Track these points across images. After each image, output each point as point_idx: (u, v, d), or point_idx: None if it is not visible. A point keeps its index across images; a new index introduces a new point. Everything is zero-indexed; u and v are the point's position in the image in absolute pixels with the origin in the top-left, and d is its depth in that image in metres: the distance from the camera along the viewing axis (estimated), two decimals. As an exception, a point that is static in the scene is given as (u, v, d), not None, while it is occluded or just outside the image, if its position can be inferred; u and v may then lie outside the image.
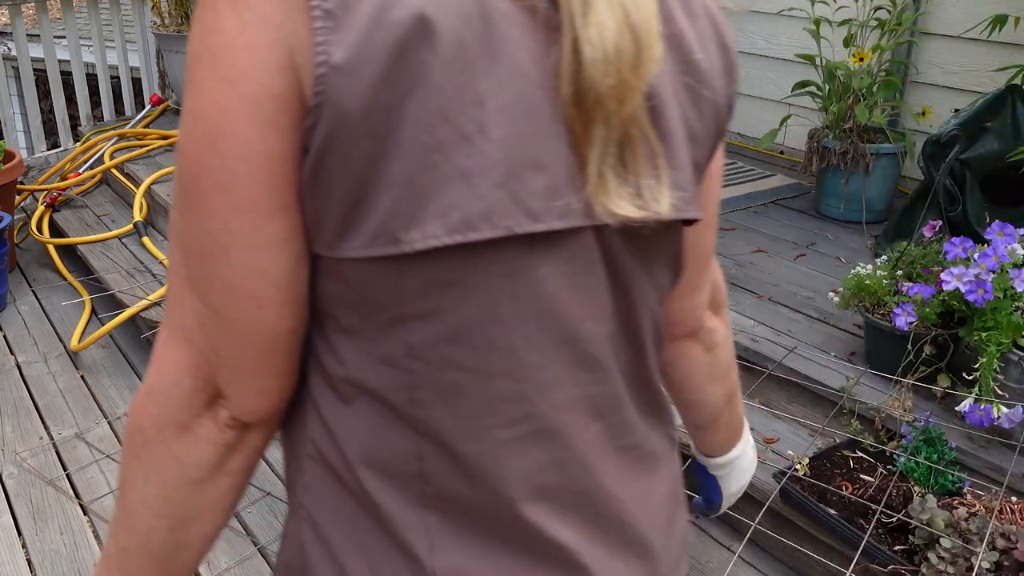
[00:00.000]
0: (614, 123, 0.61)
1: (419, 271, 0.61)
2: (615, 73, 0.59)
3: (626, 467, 0.74)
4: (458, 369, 0.64)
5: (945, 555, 1.79)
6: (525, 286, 0.63)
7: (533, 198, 0.60)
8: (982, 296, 2.11)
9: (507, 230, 0.60)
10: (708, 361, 0.92)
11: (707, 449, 1.03)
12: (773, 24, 4.32)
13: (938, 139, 2.98)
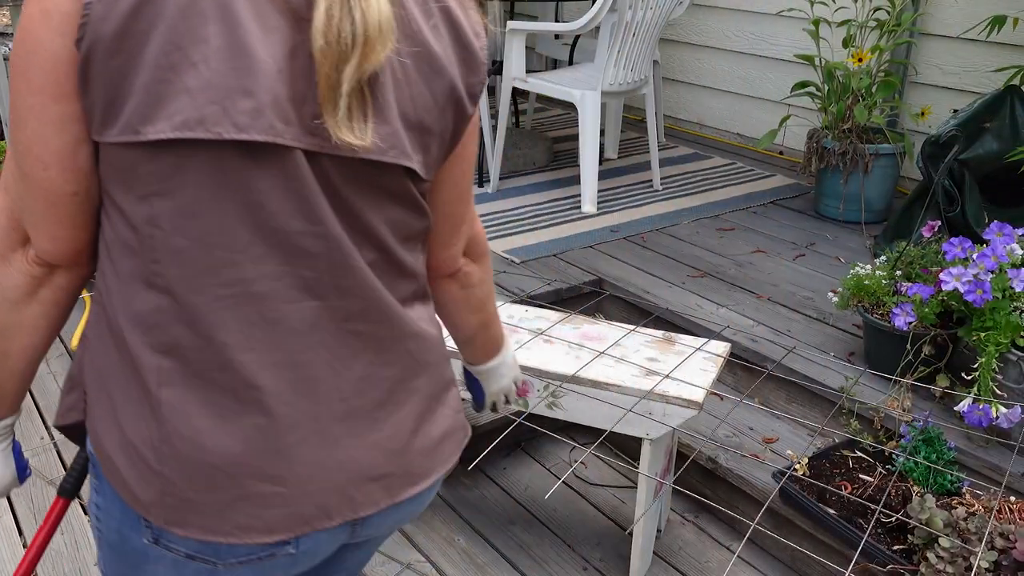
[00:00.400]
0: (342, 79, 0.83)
1: (155, 158, 0.83)
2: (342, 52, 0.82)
3: (345, 344, 0.95)
4: (185, 237, 0.86)
5: (944, 555, 1.79)
6: (238, 182, 0.85)
7: (240, 115, 0.82)
8: (981, 296, 2.11)
9: (217, 135, 0.82)
10: (464, 296, 1.20)
11: (469, 359, 1.37)
12: (772, 25, 4.32)
13: (937, 139, 2.98)
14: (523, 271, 3.05)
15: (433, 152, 0.96)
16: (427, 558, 2.21)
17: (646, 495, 1.99)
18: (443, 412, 1.12)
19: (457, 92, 0.94)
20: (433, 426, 1.11)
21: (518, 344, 2.05)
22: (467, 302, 1.21)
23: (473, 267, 1.18)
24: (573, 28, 3.45)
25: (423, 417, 1.08)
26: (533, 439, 2.65)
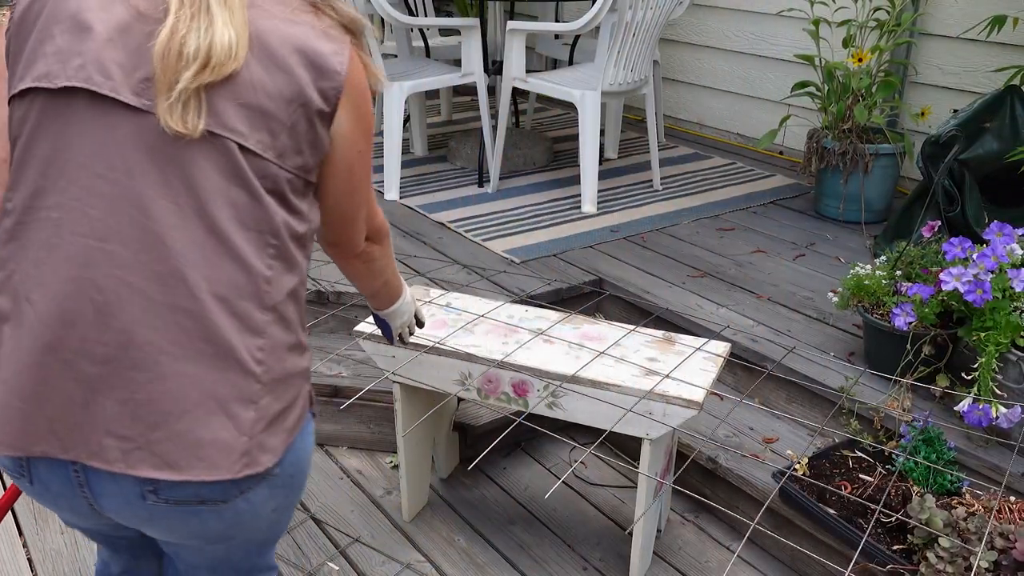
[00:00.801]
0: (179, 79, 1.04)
1: (19, 106, 1.10)
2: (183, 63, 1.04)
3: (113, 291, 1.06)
4: (28, 168, 1.08)
5: (944, 554, 1.79)
6: (62, 122, 1.07)
7: (71, 70, 1.06)
8: (981, 296, 2.11)
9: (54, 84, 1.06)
10: (367, 269, 1.49)
11: (375, 307, 1.72)
12: (773, 24, 4.32)
13: (937, 139, 2.98)
14: (523, 271, 3.05)
15: (282, 139, 1.11)
16: (427, 558, 2.21)
17: (646, 495, 1.99)
18: (224, 422, 1.09)
19: (306, 93, 1.11)
20: (204, 426, 1.08)
21: (518, 344, 2.06)
22: (370, 271, 1.51)
23: (375, 247, 1.44)
24: (573, 28, 3.45)
25: (195, 409, 1.08)
26: (533, 439, 2.65)
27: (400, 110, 3.65)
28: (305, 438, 1.24)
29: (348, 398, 2.55)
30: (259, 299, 1.12)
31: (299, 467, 1.23)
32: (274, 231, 1.13)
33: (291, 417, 1.18)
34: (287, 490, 1.22)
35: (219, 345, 1.09)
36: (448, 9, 5.68)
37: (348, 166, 1.23)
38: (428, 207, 3.64)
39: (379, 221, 1.42)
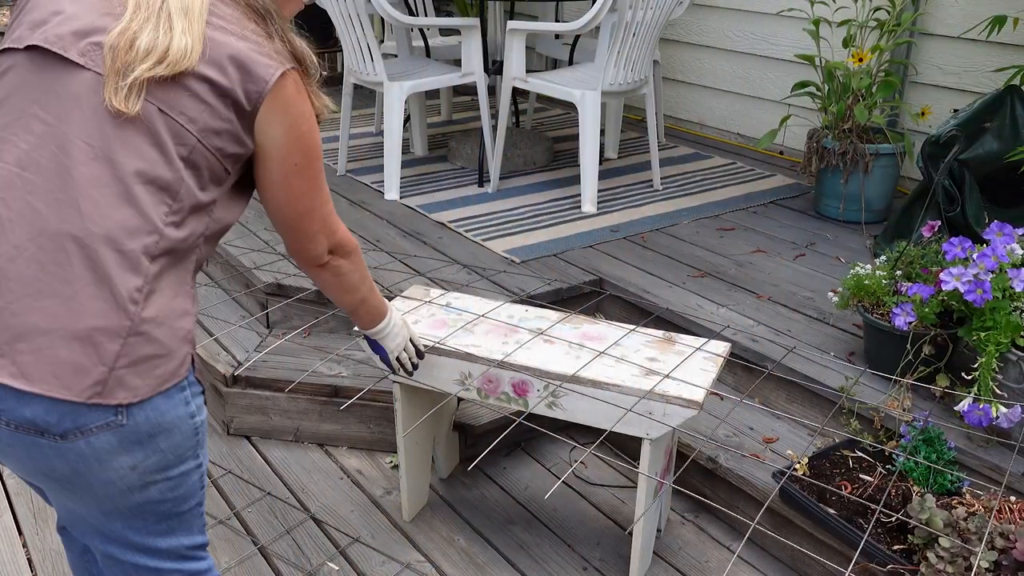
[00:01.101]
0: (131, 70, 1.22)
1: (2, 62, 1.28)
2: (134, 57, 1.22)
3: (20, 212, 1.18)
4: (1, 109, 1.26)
5: (944, 554, 1.79)
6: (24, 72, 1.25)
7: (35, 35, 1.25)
8: (981, 296, 2.11)
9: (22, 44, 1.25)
10: (337, 282, 1.61)
11: (361, 327, 1.84)
12: (773, 24, 4.32)
13: (937, 139, 2.98)
14: (523, 271, 3.05)
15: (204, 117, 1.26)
16: (427, 558, 2.21)
17: (646, 495, 1.99)
18: (87, 348, 1.18)
19: (231, 88, 1.26)
20: (66, 347, 1.17)
21: (518, 344, 2.05)
22: (341, 286, 1.63)
23: (342, 262, 1.57)
24: (573, 28, 3.45)
25: (62, 330, 1.17)
26: (533, 439, 2.65)
27: (400, 110, 3.65)
28: (175, 403, 1.27)
29: (348, 398, 2.55)
30: (146, 247, 1.22)
31: (161, 428, 1.26)
32: (174, 194, 1.25)
33: (162, 367, 1.24)
34: (145, 450, 1.25)
35: (98, 275, 1.19)
36: (448, 9, 5.68)
37: (284, 178, 1.37)
38: (428, 207, 3.64)
39: (340, 237, 1.54)
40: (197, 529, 1.44)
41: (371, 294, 1.73)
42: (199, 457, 1.37)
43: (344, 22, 3.62)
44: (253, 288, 3.00)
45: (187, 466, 1.34)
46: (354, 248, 1.59)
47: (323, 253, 1.52)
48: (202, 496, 1.42)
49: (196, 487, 1.38)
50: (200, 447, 1.37)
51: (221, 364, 2.70)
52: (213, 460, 2.59)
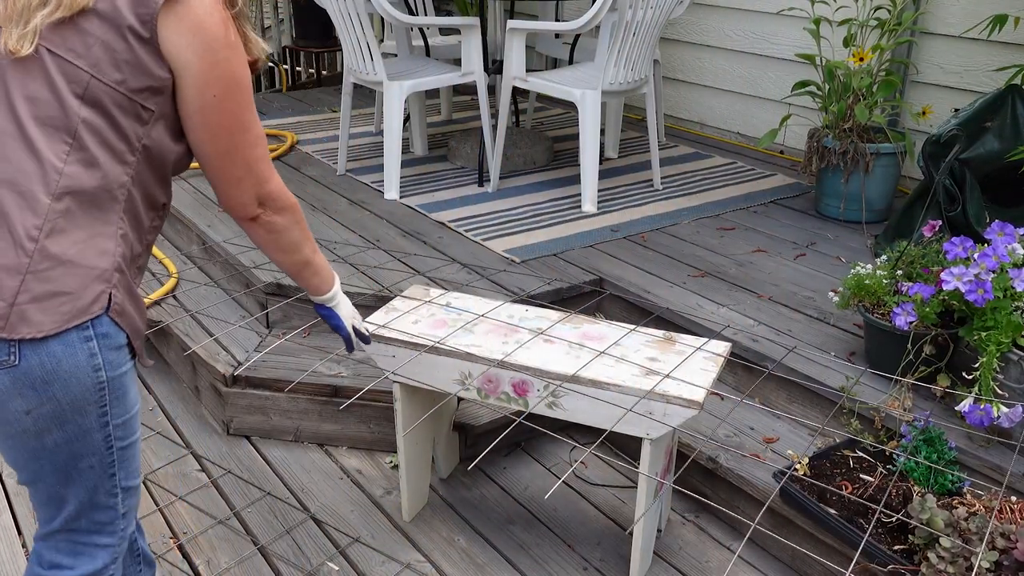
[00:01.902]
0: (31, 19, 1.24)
1: None
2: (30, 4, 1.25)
3: None
4: None
5: (945, 555, 1.79)
6: None
7: None
8: (982, 296, 2.11)
9: None
10: (273, 240, 1.54)
11: (310, 292, 1.76)
12: (773, 24, 4.32)
13: (938, 139, 2.97)
14: (523, 270, 3.05)
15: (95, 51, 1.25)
16: (427, 558, 2.21)
17: (646, 495, 1.98)
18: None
19: (120, 13, 1.24)
20: None
21: (518, 344, 2.05)
22: (277, 244, 1.55)
23: (276, 217, 1.50)
24: (573, 27, 3.44)
25: None
26: (533, 439, 2.65)
27: (400, 110, 3.65)
28: (74, 351, 1.27)
29: (348, 398, 2.55)
30: (47, 186, 1.25)
31: (56, 376, 1.27)
32: (72, 133, 1.26)
33: (68, 305, 1.25)
34: (40, 396, 1.27)
35: (0, 217, 1.24)
36: (448, 8, 5.67)
37: (202, 111, 1.33)
38: (428, 207, 3.64)
39: (272, 188, 1.47)
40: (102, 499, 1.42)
41: (315, 256, 1.67)
42: (106, 416, 1.35)
43: (344, 21, 3.62)
44: (253, 288, 3.00)
45: (87, 422, 1.32)
46: (290, 205, 1.52)
47: (251, 203, 1.45)
48: (109, 463, 1.39)
49: (99, 443, 1.36)
50: (111, 405, 1.34)
51: (221, 364, 2.69)
52: (213, 460, 2.59)
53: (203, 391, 2.81)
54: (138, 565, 1.73)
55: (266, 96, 5.59)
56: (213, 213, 3.55)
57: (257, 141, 1.41)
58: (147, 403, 2.90)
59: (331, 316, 1.84)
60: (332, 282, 1.77)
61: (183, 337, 2.86)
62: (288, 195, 1.51)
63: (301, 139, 4.57)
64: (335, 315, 1.84)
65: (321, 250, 1.56)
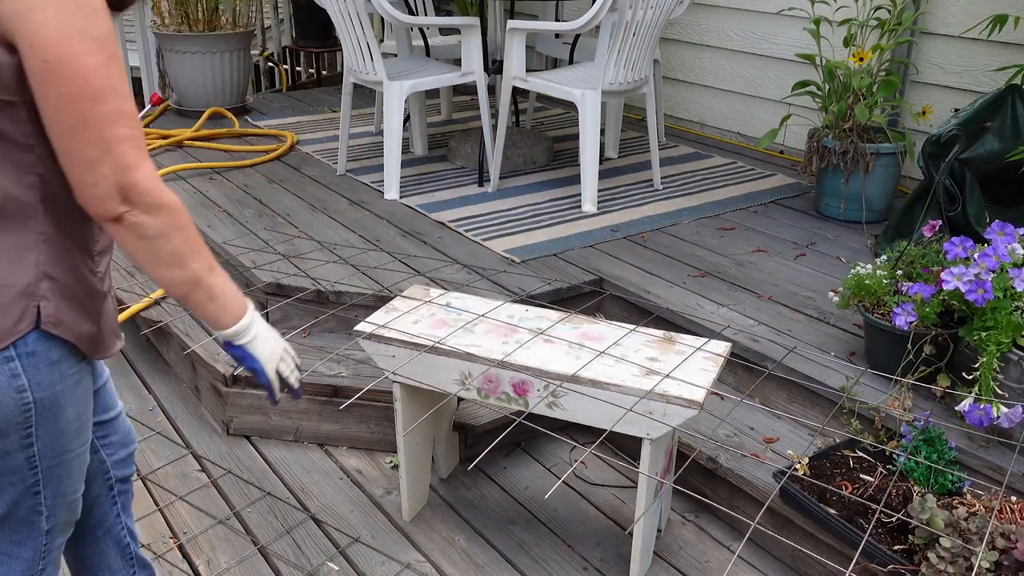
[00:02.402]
0: None
1: None
2: None
3: None
4: None
5: (945, 555, 1.79)
6: None
7: None
8: (982, 296, 2.11)
9: None
10: (146, 248, 1.21)
11: (211, 325, 1.35)
12: (773, 24, 4.32)
13: (938, 139, 2.97)
14: (523, 271, 3.05)
15: None
16: (427, 558, 2.21)
17: (646, 495, 1.98)
18: None
19: None
20: None
21: (518, 344, 2.05)
22: (152, 254, 1.23)
23: (145, 218, 1.19)
24: (573, 27, 3.44)
25: None
26: (533, 439, 2.65)
27: (400, 110, 3.65)
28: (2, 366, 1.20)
29: (348, 398, 2.54)
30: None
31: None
32: None
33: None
34: None
35: None
36: (448, 8, 5.67)
37: (39, 78, 1.11)
38: (428, 207, 3.64)
39: (139, 179, 1.17)
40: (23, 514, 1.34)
41: (210, 275, 1.31)
42: (30, 438, 1.27)
43: (344, 21, 3.62)
44: (253, 288, 3.00)
45: (7, 444, 1.25)
46: (166, 204, 1.20)
47: (109, 197, 1.16)
48: (33, 483, 1.32)
49: (19, 465, 1.29)
50: (38, 427, 1.26)
51: (221, 364, 2.69)
52: (213, 460, 2.59)
53: (203, 391, 2.81)
54: (131, 568, 1.73)
55: (266, 96, 5.59)
56: (213, 213, 3.55)
57: (118, 117, 1.14)
58: (147, 403, 2.90)
59: (245, 358, 1.39)
60: (240, 312, 1.36)
61: (183, 337, 2.86)
62: (163, 192, 1.20)
63: (301, 139, 4.57)
64: (248, 356, 1.39)
65: (321, 251, 1.44)
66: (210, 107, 4.86)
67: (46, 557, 1.41)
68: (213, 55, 4.84)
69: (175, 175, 3.99)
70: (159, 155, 4.29)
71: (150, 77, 5.22)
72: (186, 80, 4.89)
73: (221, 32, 4.88)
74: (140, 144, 1.17)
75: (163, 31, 4.84)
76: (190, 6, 4.86)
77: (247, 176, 4.03)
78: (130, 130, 1.16)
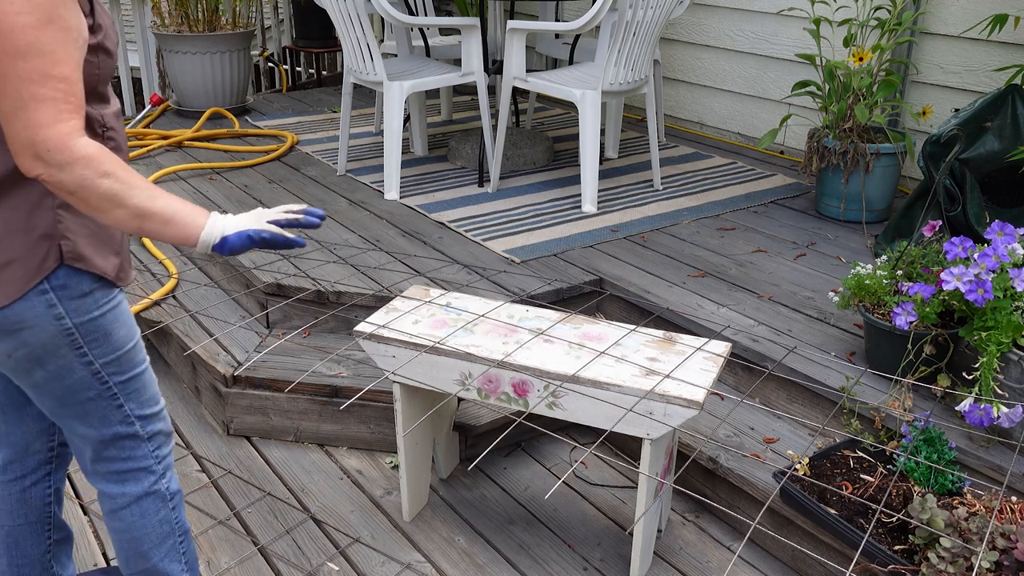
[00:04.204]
0: None
1: None
2: None
3: None
4: None
5: (945, 555, 1.79)
6: None
7: None
8: (982, 296, 2.11)
9: None
10: (77, 200, 1.26)
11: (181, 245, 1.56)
12: (773, 24, 4.32)
13: (938, 138, 2.98)
14: (523, 271, 3.05)
15: None
16: (427, 558, 2.21)
17: (646, 495, 1.98)
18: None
19: None
20: None
21: (518, 344, 2.05)
22: (86, 204, 1.27)
23: (61, 175, 1.23)
24: (573, 27, 3.44)
25: None
26: (533, 439, 2.65)
27: (400, 110, 3.65)
28: (33, 305, 1.36)
29: (348, 398, 2.54)
30: None
31: (23, 325, 1.37)
32: None
33: (22, 270, 1.33)
34: (14, 341, 1.39)
35: None
36: (448, 8, 5.67)
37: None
38: (428, 207, 3.64)
39: (49, 136, 1.21)
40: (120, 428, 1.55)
41: (154, 203, 1.32)
42: (86, 356, 1.44)
43: (344, 22, 3.62)
44: (253, 288, 3.00)
45: (66, 361, 1.43)
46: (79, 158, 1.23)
47: (22, 154, 1.22)
48: (112, 396, 1.51)
49: (88, 378, 1.47)
50: (89, 347, 1.43)
51: (221, 364, 2.69)
52: (213, 460, 2.59)
53: (203, 391, 2.81)
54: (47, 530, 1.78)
55: (266, 96, 5.59)
56: (213, 213, 3.54)
57: (40, 77, 1.17)
58: (147, 403, 2.90)
59: (234, 245, 1.40)
60: (200, 221, 1.38)
61: (183, 337, 2.85)
62: (75, 146, 1.22)
63: (301, 139, 4.57)
64: (234, 240, 1.40)
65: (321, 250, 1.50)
66: (210, 107, 4.87)
67: (162, 463, 1.63)
68: (213, 55, 4.84)
69: (175, 175, 3.99)
70: (159, 155, 4.29)
71: (150, 77, 5.22)
72: (186, 80, 4.89)
73: (221, 32, 4.88)
74: (60, 107, 1.20)
75: (163, 31, 4.84)
76: (190, 6, 4.86)
77: (247, 176, 4.03)
78: (51, 91, 1.19)
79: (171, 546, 1.67)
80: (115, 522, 1.65)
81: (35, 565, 1.77)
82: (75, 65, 1.23)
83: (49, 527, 1.77)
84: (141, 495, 1.62)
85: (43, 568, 1.79)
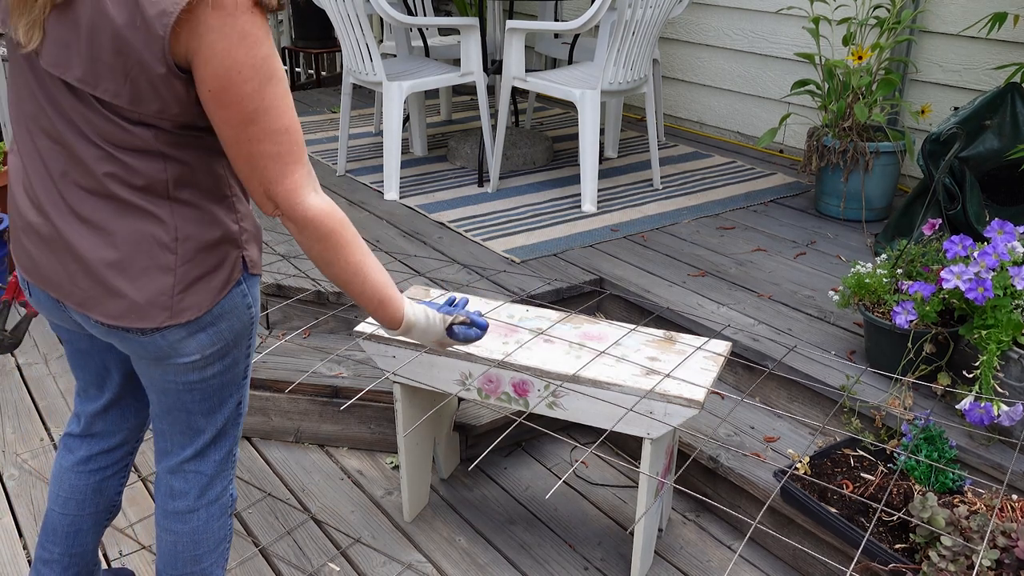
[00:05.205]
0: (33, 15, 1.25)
1: None
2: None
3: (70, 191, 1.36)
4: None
5: (946, 553, 1.79)
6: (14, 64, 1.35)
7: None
8: (982, 294, 2.11)
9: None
10: (304, 241, 1.39)
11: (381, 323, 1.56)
12: (773, 23, 4.32)
13: (938, 137, 2.98)
14: (523, 271, 3.05)
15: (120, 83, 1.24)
16: (428, 558, 2.21)
17: (647, 494, 1.98)
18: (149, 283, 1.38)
19: (121, 30, 1.20)
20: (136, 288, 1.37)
21: (518, 344, 2.05)
22: (309, 250, 1.41)
23: (290, 224, 1.37)
24: (572, 27, 3.44)
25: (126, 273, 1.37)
26: (534, 439, 2.65)
27: (399, 110, 3.65)
28: (233, 296, 1.45)
29: (348, 398, 2.54)
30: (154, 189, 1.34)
31: (223, 315, 1.44)
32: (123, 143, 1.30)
33: (217, 280, 1.41)
34: (208, 334, 1.44)
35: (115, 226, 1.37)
36: (447, 8, 5.67)
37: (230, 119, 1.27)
38: (428, 207, 3.64)
39: (280, 192, 1.32)
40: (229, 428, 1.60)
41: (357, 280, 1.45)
42: (249, 348, 1.53)
43: (343, 22, 3.62)
44: (253, 289, 3.00)
45: (239, 351, 1.51)
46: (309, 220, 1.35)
47: (263, 203, 1.36)
48: (245, 380, 1.58)
49: (242, 371, 1.55)
50: (251, 336, 1.52)
51: (221, 365, 2.69)
52: (213, 461, 2.59)
53: (203, 392, 2.81)
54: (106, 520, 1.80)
55: (265, 97, 5.59)
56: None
57: (264, 135, 1.27)
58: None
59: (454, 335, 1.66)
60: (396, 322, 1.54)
61: (183, 338, 2.85)
62: (304, 207, 1.34)
63: (301, 140, 4.56)
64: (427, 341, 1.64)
65: None
66: (209, 108, 4.86)
67: (234, 461, 1.66)
68: (212, 56, 4.83)
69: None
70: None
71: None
72: (185, 81, 4.88)
73: (220, 33, 4.87)
74: (285, 159, 1.30)
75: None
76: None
77: (247, 177, 4.02)
78: (275, 146, 1.29)
79: (221, 552, 1.67)
80: (178, 524, 1.62)
81: (87, 555, 1.79)
82: (293, 113, 1.32)
83: (109, 517, 1.80)
84: (214, 499, 1.63)
85: (93, 558, 1.81)
